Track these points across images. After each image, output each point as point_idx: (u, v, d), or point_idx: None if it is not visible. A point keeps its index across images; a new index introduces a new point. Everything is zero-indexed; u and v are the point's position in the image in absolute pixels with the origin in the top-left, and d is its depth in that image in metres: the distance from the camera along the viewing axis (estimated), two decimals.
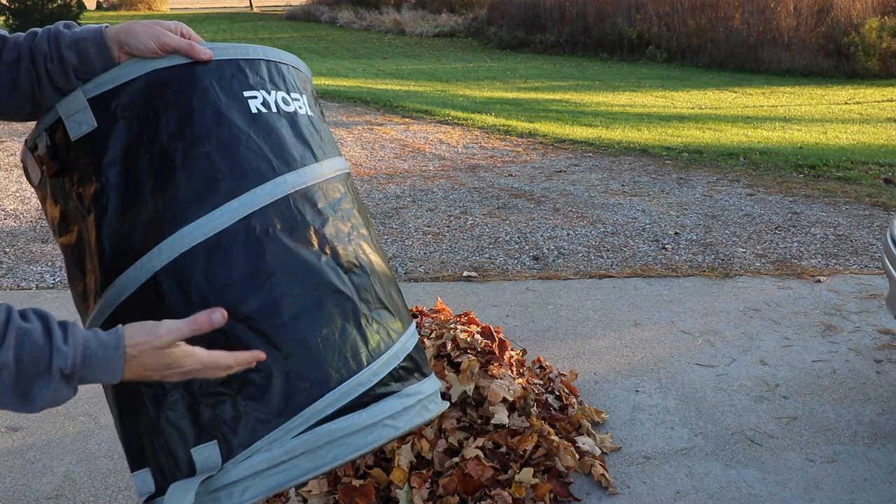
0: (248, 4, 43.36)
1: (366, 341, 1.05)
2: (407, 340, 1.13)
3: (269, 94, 1.08)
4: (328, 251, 1.05)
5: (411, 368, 1.12)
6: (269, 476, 0.96)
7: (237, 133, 1.02)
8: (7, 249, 4.59)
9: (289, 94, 1.11)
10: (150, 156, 0.99)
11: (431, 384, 1.15)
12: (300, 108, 1.12)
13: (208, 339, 0.95)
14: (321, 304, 1.02)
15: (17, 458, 2.47)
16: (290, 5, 36.05)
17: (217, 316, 0.92)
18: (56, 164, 1.02)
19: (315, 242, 1.04)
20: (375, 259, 1.13)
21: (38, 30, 1.02)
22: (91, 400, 2.79)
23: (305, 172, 1.06)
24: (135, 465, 1.01)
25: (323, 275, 1.03)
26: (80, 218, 1.01)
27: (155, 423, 0.98)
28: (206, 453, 0.96)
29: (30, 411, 0.80)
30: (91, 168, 0.99)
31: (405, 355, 1.11)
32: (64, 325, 0.83)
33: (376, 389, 1.04)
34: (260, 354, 0.94)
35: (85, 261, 1.02)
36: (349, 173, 1.18)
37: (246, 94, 1.05)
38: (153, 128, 0.99)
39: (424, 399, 1.12)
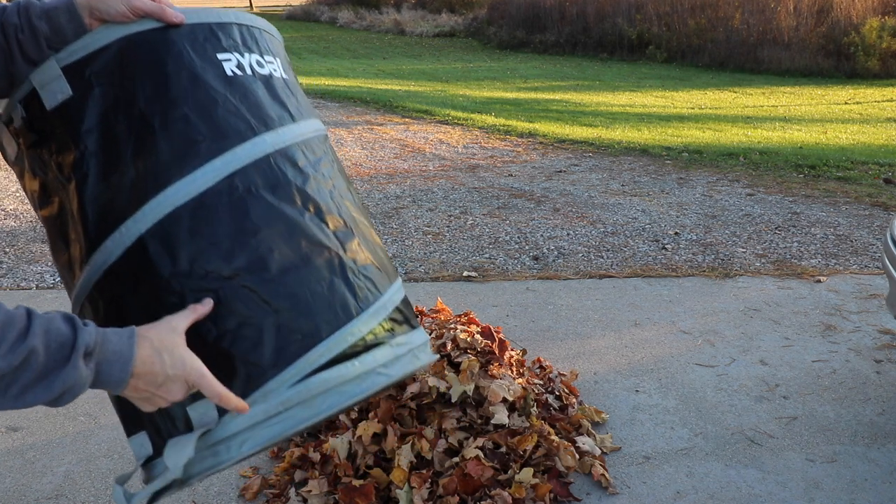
0: (248, 4, 43.36)
1: (354, 294, 1.07)
2: (394, 293, 1.15)
3: (243, 56, 1.08)
4: (311, 208, 1.06)
5: (400, 320, 1.14)
6: (266, 427, 0.98)
7: (214, 95, 1.03)
8: (7, 249, 4.59)
9: (262, 57, 1.12)
10: (129, 121, 0.99)
11: (421, 335, 1.17)
12: (274, 70, 1.13)
13: (197, 299, 0.97)
14: (308, 259, 1.03)
15: (17, 458, 2.47)
16: (290, 5, 36.02)
17: (209, 303, 0.98)
18: (33, 136, 1.02)
19: (298, 200, 1.05)
20: (359, 217, 1.15)
21: (7, 3, 1.01)
22: (91, 400, 2.79)
23: (284, 132, 1.07)
24: (131, 430, 1.02)
25: (308, 231, 1.05)
26: (61, 187, 1.01)
27: None
28: (201, 409, 0.97)
29: (48, 397, 0.81)
30: (69, 136, 0.99)
31: (393, 307, 1.13)
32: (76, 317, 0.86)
33: (367, 339, 1.06)
34: (245, 407, 0.95)
35: (68, 230, 1.03)
36: (327, 136, 1.20)
37: (220, 56, 1.05)
38: (129, 93, 0.99)
39: (415, 349, 1.14)
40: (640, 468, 2.37)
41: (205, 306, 0.96)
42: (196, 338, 0.96)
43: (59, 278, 4.11)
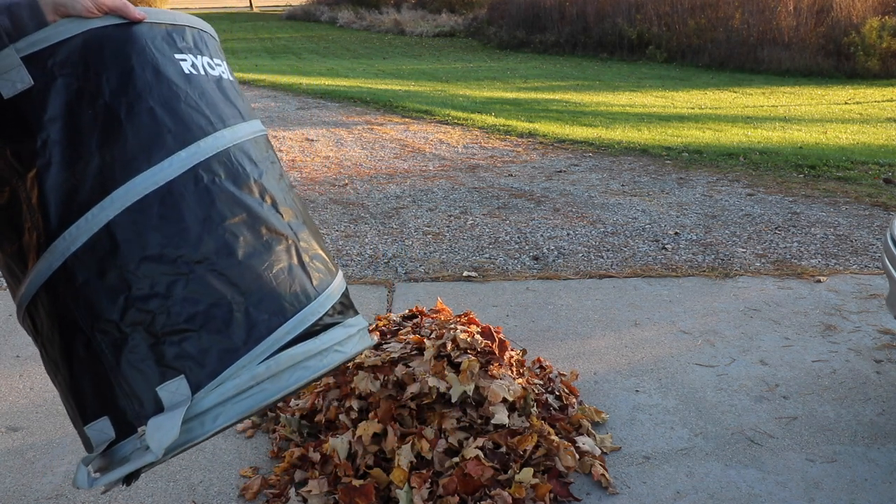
0: (248, 4, 43.35)
1: (310, 278, 1.16)
2: (340, 281, 1.26)
3: (197, 58, 1.15)
4: (268, 199, 1.15)
5: (347, 305, 1.25)
6: (238, 402, 1.03)
7: (176, 90, 1.08)
8: None
9: (212, 60, 1.18)
10: (94, 111, 1.02)
11: (362, 320, 1.29)
12: (223, 73, 1.20)
13: (169, 282, 1.01)
14: (269, 246, 1.11)
15: (17, 458, 2.47)
16: (290, 5, 36.03)
17: None
18: None
19: (256, 191, 1.13)
20: (304, 210, 1.25)
21: None
22: None
23: (238, 129, 1.15)
24: (88, 418, 1.04)
25: (268, 219, 1.13)
26: (16, 176, 1.03)
27: (115, 370, 1.01)
28: (173, 388, 1.01)
29: None
30: (29, 125, 1.01)
31: (341, 293, 1.24)
32: None
33: (324, 319, 1.16)
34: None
35: (21, 220, 1.04)
36: (268, 136, 1.29)
37: (177, 56, 1.11)
38: (94, 84, 1.02)
39: (361, 330, 1.25)
40: (640, 468, 2.37)
41: None
42: (167, 318, 1.00)
43: None
